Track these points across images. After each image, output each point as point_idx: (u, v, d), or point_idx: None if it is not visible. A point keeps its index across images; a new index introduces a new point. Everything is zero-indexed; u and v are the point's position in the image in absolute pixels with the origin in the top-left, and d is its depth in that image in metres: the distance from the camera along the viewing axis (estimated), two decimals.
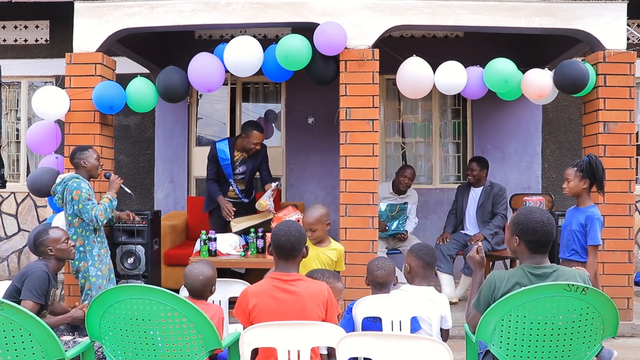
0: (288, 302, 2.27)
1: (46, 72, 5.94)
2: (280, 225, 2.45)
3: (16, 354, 2.11)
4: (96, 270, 3.82)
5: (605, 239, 4.42)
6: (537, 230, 2.28)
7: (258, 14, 4.48)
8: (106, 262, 3.93)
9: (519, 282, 2.25)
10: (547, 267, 2.29)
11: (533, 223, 2.29)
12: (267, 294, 2.30)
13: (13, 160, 6.56)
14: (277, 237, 2.40)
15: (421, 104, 6.40)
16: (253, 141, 4.85)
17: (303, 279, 2.37)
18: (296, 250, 2.38)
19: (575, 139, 6.12)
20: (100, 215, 3.77)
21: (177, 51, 5.98)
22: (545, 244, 2.30)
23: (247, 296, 2.33)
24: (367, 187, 4.41)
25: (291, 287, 2.30)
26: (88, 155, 3.92)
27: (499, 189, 5.19)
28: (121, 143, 6.27)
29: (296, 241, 2.38)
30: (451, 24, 4.50)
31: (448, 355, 1.83)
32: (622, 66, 4.44)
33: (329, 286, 2.41)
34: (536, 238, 2.29)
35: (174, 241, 5.54)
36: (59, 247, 3.16)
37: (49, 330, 2.12)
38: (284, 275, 2.34)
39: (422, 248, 2.88)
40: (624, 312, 4.34)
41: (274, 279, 2.35)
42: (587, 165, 3.27)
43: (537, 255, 2.32)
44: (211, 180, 5.00)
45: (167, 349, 2.21)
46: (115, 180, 4.02)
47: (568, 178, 3.34)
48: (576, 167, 3.31)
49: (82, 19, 4.53)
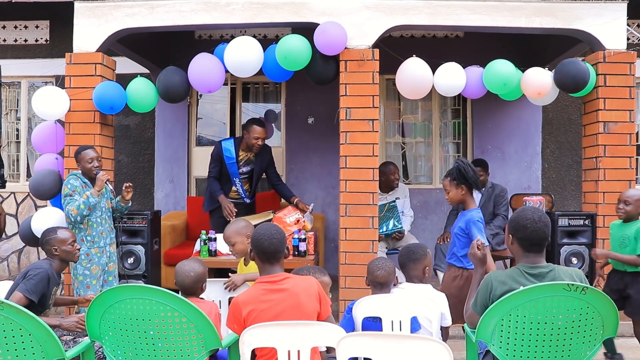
0: (282, 301, 2.26)
1: (46, 72, 5.94)
2: (260, 230, 2.42)
3: (16, 354, 2.11)
4: (83, 269, 3.86)
5: (606, 239, 4.42)
6: (527, 227, 2.30)
7: (258, 14, 4.48)
8: (97, 262, 3.94)
9: (515, 282, 2.25)
10: (543, 267, 2.29)
11: (523, 220, 2.32)
12: (259, 299, 2.28)
13: (13, 160, 6.56)
14: (259, 241, 2.36)
15: (421, 104, 6.40)
16: (253, 136, 4.78)
17: (291, 277, 2.36)
18: (279, 253, 2.37)
19: (575, 139, 6.12)
20: (72, 211, 3.80)
21: (177, 51, 5.98)
22: (537, 242, 2.31)
23: (238, 305, 2.29)
24: (367, 187, 4.41)
25: (281, 285, 2.30)
26: (81, 157, 3.99)
27: (500, 189, 5.19)
28: (121, 143, 6.27)
29: (279, 243, 2.36)
30: (451, 24, 4.50)
31: (448, 355, 1.83)
32: (622, 66, 4.44)
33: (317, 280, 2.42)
34: (526, 235, 2.30)
35: (174, 241, 5.54)
36: (64, 249, 3.16)
37: (49, 330, 2.12)
38: (272, 277, 2.33)
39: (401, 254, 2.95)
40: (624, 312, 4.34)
41: (262, 283, 2.33)
42: (457, 173, 3.28)
43: (530, 254, 2.33)
44: (213, 179, 4.94)
45: (167, 349, 2.21)
46: (100, 178, 3.97)
47: (446, 189, 3.37)
48: (449, 176, 3.34)
49: (82, 19, 4.53)
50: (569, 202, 6.23)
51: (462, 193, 3.31)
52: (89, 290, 3.83)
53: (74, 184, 3.90)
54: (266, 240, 2.35)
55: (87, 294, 3.77)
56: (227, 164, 4.91)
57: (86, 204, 3.85)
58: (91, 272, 3.88)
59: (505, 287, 2.25)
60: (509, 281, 2.27)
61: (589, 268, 4.46)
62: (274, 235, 2.37)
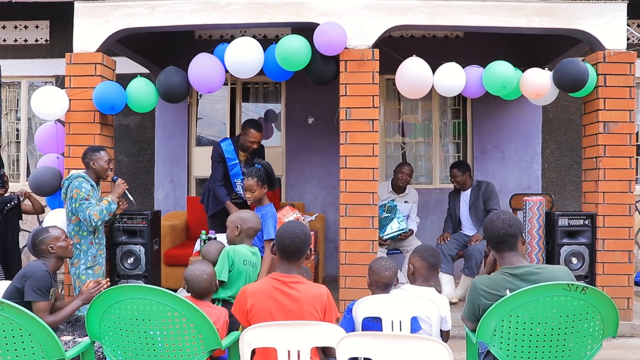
0: (286, 306, 2.27)
1: (46, 72, 5.94)
2: (285, 227, 2.43)
3: (16, 354, 2.11)
4: (87, 270, 3.86)
5: (605, 239, 4.43)
6: (487, 228, 2.41)
7: (258, 14, 4.48)
8: (100, 263, 3.96)
9: (500, 288, 2.26)
10: (525, 266, 2.32)
11: (486, 224, 2.44)
12: (266, 294, 2.30)
13: (13, 160, 6.56)
14: (281, 238, 2.39)
15: (421, 104, 6.40)
16: (249, 139, 4.81)
17: (303, 282, 2.36)
18: (300, 253, 2.37)
19: (575, 139, 6.12)
20: (95, 216, 3.77)
21: (177, 51, 5.98)
22: (499, 239, 2.37)
23: (245, 294, 2.33)
24: (367, 187, 4.41)
25: (290, 290, 2.30)
26: (99, 157, 3.92)
27: (486, 185, 5.18)
28: (121, 143, 6.27)
29: (301, 244, 2.37)
30: (451, 24, 4.50)
31: (448, 355, 1.83)
32: (622, 66, 4.44)
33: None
34: (490, 235, 2.40)
35: (174, 241, 5.54)
36: (60, 245, 3.16)
37: (49, 330, 2.12)
38: (285, 277, 2.33)
39: (427, 249, 2.88)
40: (624, 312, 4.34)
41: (274, 279, 2.35)
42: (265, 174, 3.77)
43: (503, 253, 2.38)
44: (219, 185, 4.88)
45: (167, 349, 2.21)
46: (120, 185, 4.01)
47: (252, 189, 3.74)
48: (256, 177, 3.74)
49: (82, 19, 4.53)
50: (569, 202, 6.23)
51: (264, 192, 3.78)
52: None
53: (87, 188, 3.80)
54: (288, 238, 2.37)
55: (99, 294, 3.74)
56: (229, 165, 4.91)
57: (108, 209, 3.85)
58: (94, 272, 3.89)
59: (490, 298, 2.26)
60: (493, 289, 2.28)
61: (589, 268, 4.46)
62: (298, 235, 2.37)
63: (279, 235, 2.42)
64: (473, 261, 4.88)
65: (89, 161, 3.92)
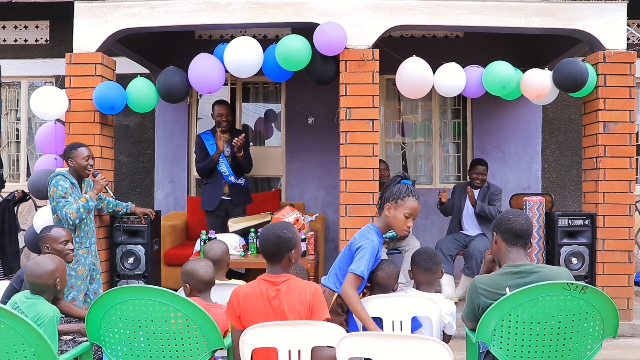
0: (274, 304, 2.27)
1: (46, 72, 5.94)
2: (264, 229, 2.44)
3: (7, 357, 2.05)
4: (69, 270, 3.80)
5: (605, 239, 4.43)
6: (510, 219, 2.39)
7: (258, 14, 4.48)
8: (84, 263, 3.85)
9: (500, 288, 2.26)
10: (526, 264, 2.32)
11: (506, 214, 2.44)
12: (256, 295, 2.29)
13: (13, 160, 6.56)
14: (259, 240, 2.42)
15: (421, 104, 6.40)
16: (216, 115, 5.09)
17: (290, 279, 2.34)
18: (278, 255, 2.34)
19: (575, 139, 6.12)
20: (71, 214, 3.71)
21: (177, 51, 5.98)
22: (519, 233, 2.36)
23: (237, 295, 2.32)
24: (367, 187, 4.41)
25: (277, 287, 2.29)
26: (76, 154, 3.86)
27: (495, 188, 5.21)
28: (121, 143, 6.27)
29: (274, 247, 2.33)
30: (451, 24, 4.50)
31: (448, 355, 1.83)
32: (622, 66, 4.44)
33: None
34: (509, 227, 2.37)
35: (174, 241, 5.54)
36: (55, 247, 3.15)
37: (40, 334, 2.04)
38: (272, 277, 2.34)
39: (419, 254, 2.88)
40: (624, 312, 4.34)
41: (262, 280, 2.35)
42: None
43: (514, 248, 2.37)
44: (200, 163, 5.14)
45: (169, 350, 2.20)
46: (100, 181, 3.96)
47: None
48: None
49: (82, 19, 4.53)
50: (569, 202, 6.23)
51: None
52: (72, 290, 3.75)
53: (64, 186, 3.77)
54: (262, 240, 2.38)
55: (70, 293, 3.69)
56: (208, 147, 5.10)
57: (86, 207, 3.79)
58: (77, 272, 3.79)
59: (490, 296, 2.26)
60: (493, 288, 2.28)
61: (589, 268, 4.46)
62: (271, 238, 2.35)
63: (259, 238, 2.46)
64: (473, 261, 4.88)
65: (67, 159, 3.89)
